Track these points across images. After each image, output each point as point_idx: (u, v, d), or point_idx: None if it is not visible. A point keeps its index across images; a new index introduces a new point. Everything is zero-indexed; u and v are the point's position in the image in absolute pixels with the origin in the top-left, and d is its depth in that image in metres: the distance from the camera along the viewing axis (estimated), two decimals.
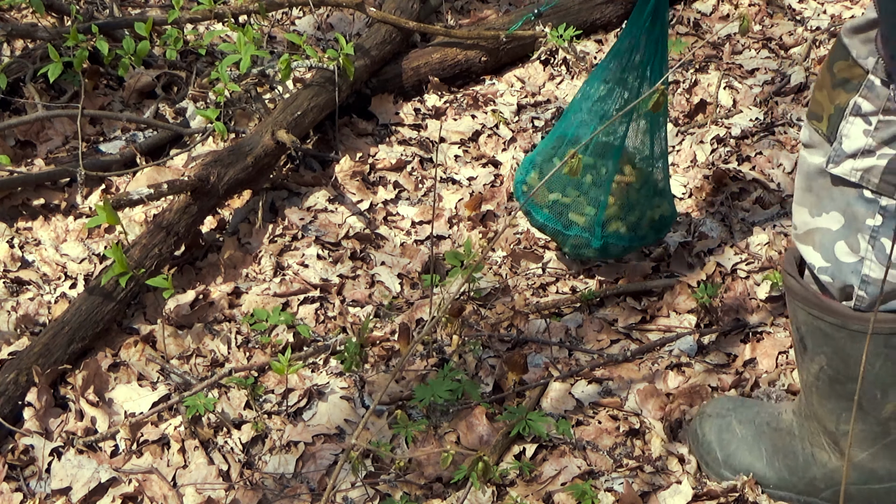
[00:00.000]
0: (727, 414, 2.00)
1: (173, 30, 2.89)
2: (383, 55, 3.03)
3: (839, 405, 1.77)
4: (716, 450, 1.97)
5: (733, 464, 1.95)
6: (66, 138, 2.81)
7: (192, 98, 2.95)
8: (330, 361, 2.22)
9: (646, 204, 2.42)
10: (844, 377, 1.72)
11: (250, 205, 2.63)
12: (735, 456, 1.95)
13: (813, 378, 1.78)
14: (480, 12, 3.58)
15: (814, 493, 1.87)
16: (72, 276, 2.41)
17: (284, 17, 3.47)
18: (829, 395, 1.78)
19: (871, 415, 1.74)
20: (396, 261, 2.53)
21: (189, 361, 2.20)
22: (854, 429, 1.76)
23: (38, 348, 2.09)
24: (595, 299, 2.40)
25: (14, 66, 2.81)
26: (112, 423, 2.05)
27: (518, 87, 3.19)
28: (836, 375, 1.73)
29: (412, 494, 1.92)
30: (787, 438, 1.89)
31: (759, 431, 1.93)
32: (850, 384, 1.71)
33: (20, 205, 2.58)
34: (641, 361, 2.26)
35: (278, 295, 2.38)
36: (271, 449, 2.02)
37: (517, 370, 2.19)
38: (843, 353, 1.70)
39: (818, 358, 1.74)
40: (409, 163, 2.86)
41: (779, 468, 1.90)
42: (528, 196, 2.43)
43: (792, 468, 1.88)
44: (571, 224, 2.38)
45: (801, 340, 1.78)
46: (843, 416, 1.78)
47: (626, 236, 2.40)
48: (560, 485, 1.95)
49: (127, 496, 1.91)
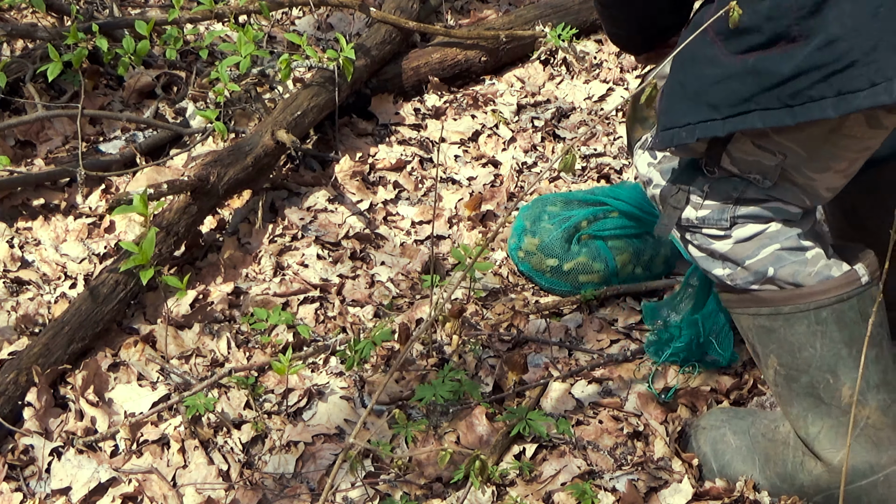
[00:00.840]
0: (721, 426, 2.01)
1: (173, 29, 2.89)
2: (383, 55, 3.03)
3: (801, 405, 1.80)
4: (711, 461, 1.98)
5: (728, 473, 1.96)
6: (66, 138, 2.81)
7: (192, 98, 2.95)
8: (330, 361, 2.22)
9: (657, 242, 2.45)
10: (796, 370, 1.77)
11: (250, 205, 2.63)
12: (730, 465, 1.96)
13: (773, 384, 1.83)
14: (480, 12, 3.58)
15: (807, 499, 1.87)
16: (72, 276, 2.41)
17: (284, 17, 3.47)
18: (790, 398, 1.81)
19: (833, 406, 1.77)
20: (396, 261, 2.53)
21: (189, 361, 2.20)
22: (822, 428, 1.78)
23: (38, 348, 2.08)
24: (595, 299, 2.40)
25: (14, 66, 2.81)
26: (112, 423, 2.05)
27: (518, 87, 3.19)
28: (790, 372, 1.78)
29: (412, 494, 1.92)
30: (780, 448, 1.90)
31: (753, 442, 1.94)
32: (804, 376, 1.77)
33: (20, 205, 2.58)
34: (641, 361, 2.26)
35: (278, 295, 2.38)
36: (271, 449, 2.02)
37: (517, 370, 2.19)
38: (787, 344, 1.76)
39: (770, 360, 1.80)
40: (409, 163, 2.86)
41: (770, 476, 1.91)
42: (527, 261, 2.46)
43: (782, 476, 1.89)
44: (584, 284, 2.41)
45: (753, 349, 1.84)
46: (809, 418, 1.80)
47: (641, 276, 2.43)
48: (560, 485, 1.95)
49: (127, 496, 1.90)
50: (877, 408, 1.77)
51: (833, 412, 1.78)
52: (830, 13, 1.50)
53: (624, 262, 2.43)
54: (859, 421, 1.77)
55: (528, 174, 2.85)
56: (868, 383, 1.76)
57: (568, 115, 3.12)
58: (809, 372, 1.76)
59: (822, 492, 1.84)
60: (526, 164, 2.88)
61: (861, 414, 1.77)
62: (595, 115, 3.11)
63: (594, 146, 2.98)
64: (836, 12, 1.50)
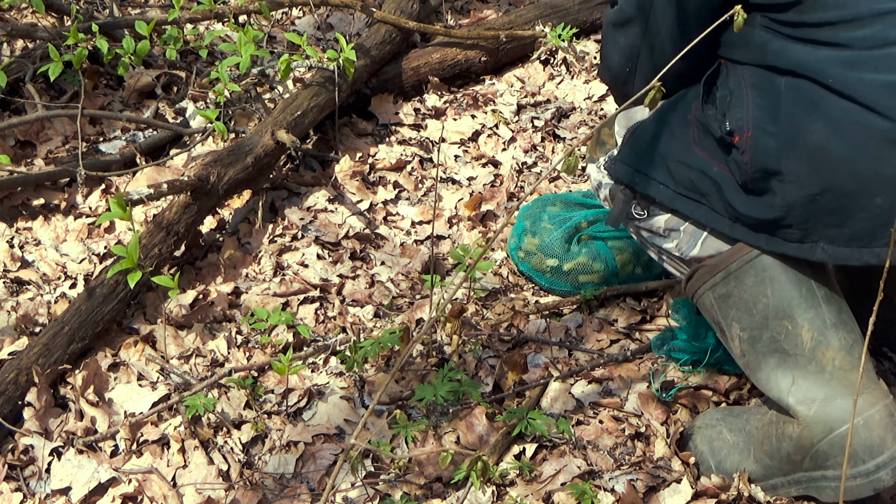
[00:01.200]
0: (717, 424, 2.02)
1: (173, 29, 2.89)
2: (383, 55, 3.03)
3: (769, 365, 1.86)
4: (708, 459, 1.99)
5: (725, 467, 1.96)
6: (66, 138, 2.81)
7: (192, 98, 2.95)
8: (330, 361, 2.22)
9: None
10: (757, 328, 1.86)
11: (250, 205, 2.63)
12: (727, 459, 1.97)
13: (741, 356, 1.90)
14: (480, 12, 3.58)
15: (796, 467, 1.87)
16: (72, 276, 2.41)
17: (284, 17, 3.47)
18: (757, 362, 1.87)
19: (798, 355, 1.82)
20: (396, 261, 2.53)
21: (189, 361, 2.20)
22: (793, 381, 1.83)
23: (38, 348, 2.08)
24: (595, 299, 2.40)
25: (14, 66, 2.81)
26: (112, 423, 2.05)
27: (518, 87, 3.20)
28: (752, 333, 1.86)
29: (412, 494, 1.92)
30: (766, 429, 1.92)
31: (749, 437, 1.96)
32: (765, 332, 1.85)
33: (20, 205, 2.58)
34: (641, 361, 2.26)
35: (278, 295, 2.38)
36: (271, 449, 2.02)
37: (517, 370, 2.19)
38: (742, 303, 1.86)
39: (733, 330, 1.89)
40: (409, 163, 2.86)
41: (761, 458, 1.92)
42: (527, 261, 2.46)
43: (770, 452, 1.90)
44: (584, 284, 2.41)
45: (719, 328, 1.93)
46: (778, 375, 1.85)
47: (642, 276, 2.43)
48: (560, 485, 1.95)
49: (127, 496, 1.90)
50: (839, 348, 1.81)
51: (799, 361, 1.82)
52: (778, 185, 1.75)
53: (624, 262, 2.43)
54: (826, 365, 1.81)
55: (528, 174, 2.85)
56: (825, 323, 1.81)
57: (568, 115, 3.12)
58: (768, 325, 1.84)
59: (807, 451, 1.84)
60: (526, 164, 2.88)
61: (826, 357, 1.81)
62: (595, 115, 3.11)
63: None
64: (782, 187, 1.74)
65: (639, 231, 1.99)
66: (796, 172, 1.72)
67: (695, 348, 2.19)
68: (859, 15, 1.70)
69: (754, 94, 1.78)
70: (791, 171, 1.72)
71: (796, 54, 1.73)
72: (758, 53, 1.79)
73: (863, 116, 1.67)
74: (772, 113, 1.75)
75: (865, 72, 1.68)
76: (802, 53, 1.73)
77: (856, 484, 1.80)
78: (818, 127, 1.70)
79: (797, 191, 1.73)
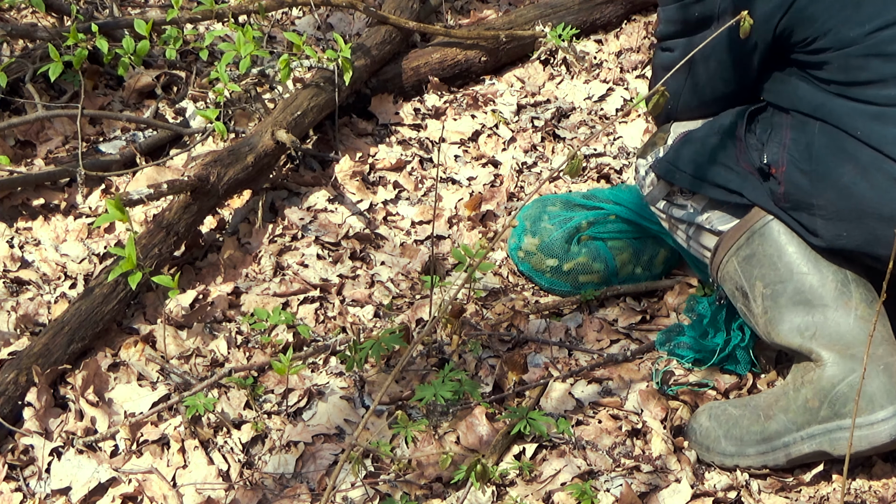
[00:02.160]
0: (720, 404, 2.05)
1: (173, 29, 2.89)
2: (383, 55, 3.03)
3: (793, 317, 1.96)
4: (714, 429, 2.00)
5: (734, 433, 1.98)
6: (66, 138, 2.81)
7: (192, 98, 2.95)
8: (330, 361, 2.22)
9: (656, 243, 2.45)
10: (781, 281, 1.97)
11: (250, 205, 2.63)
12: (736, 426, 1.99)
13: (762, 314, 1.98)
14: (480, 12, 3.58)
15: (812, 418, 1.90)
16: (72, 276, 2.41)
17: (284, 17, 3.47)
18: (781, 316, 1.96)
19: (824, 306, 1.93)
20: (396, 261, 2.53)
21: (189, 361, 2.20)
22: (817, 331, 1.92)
23: (38, 348, 2.08)
24: (595, 299, 2.40)
25: (14, 66, 2.81)
26: (112, 423, 2.05)
27: (518, 87, 3.19)
28: (776, 287, 1.97)
29: (412, 494, 1.92)
30: (779, 390, 1.98)
31: (755, 408, 1.99)
32: (789, 284, 1.96)
33: (20, 205, 2.58)
34: (641, 361, 2.26)
35: (278, 295, 2.38)
36: (271, 449, 2.02)
37: (517, 370, 2.19)
38: (767, 258, 1.98)
39: (756, 289, 1.99)
40: (409, 163, 2.86)
41: (774, 414, 1.94)
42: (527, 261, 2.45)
43: (785, 406, 1.93)
44: (583, 284, 2.40)
45: (741, 294, 2.02)
46: (802, 326, 1.94)
47: (642, 276, 2.43)
48: (560, 484, 1.95)
49: (127, 496, 1.91)
50: (861, 300, 1.93)
51: (824, 311, 1.93)
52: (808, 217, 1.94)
53: (624, 262, 2.43)
54: (849, 314, 1.92)
55: (528, 174, 2.85)
56: (847, 276, 1.94)
57: (568, 115, 3.11)
58: (793, 277, 1.96)
59: (827, 394, 1.88)
60: (526, 165, 2.88)
61: (849, 306, 1.92)
62: (595, 115, 3.11)
63: (594, 146, 2.98)
64: (813, 219, 1.94)
65: (670, 215, 2.15)
66: (825, 208, 1.91)
67: (700, 346, 2.19)
68: (883, 77, 1.88)
69: (791, 133, 1.97)
70: (821, 206, 1.91)
71: (828, 105, 1.93)
72: (794, 100, 1.99)
73: (887, 165, 1.85)
74: (805, 153, 1.93)
75: (889, 126, 1.86)
76: (834, 106, 1.92)
77: (872, 431, 1.84)
78: (848, 170, 1.88)
79: (825, 224, 1.92)
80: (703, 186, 2.06)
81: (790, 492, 1.96)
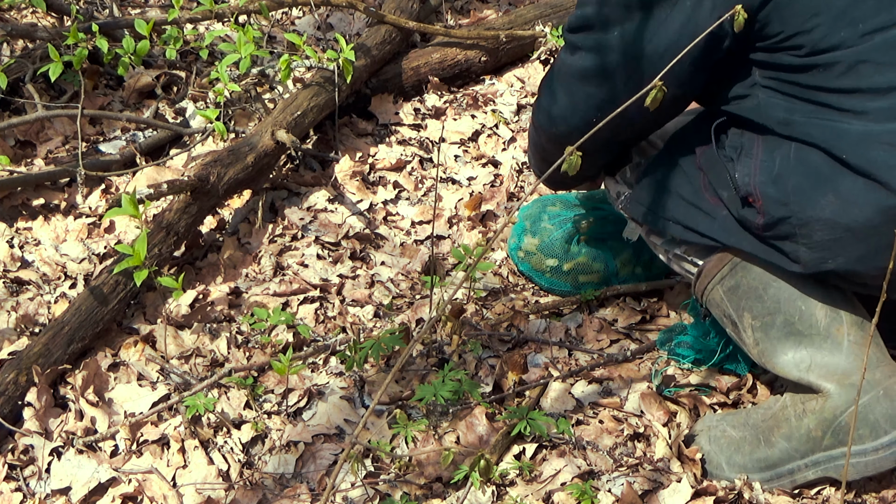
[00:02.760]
0: (718, 424, 2.02)
1: (173, 29, 2.89)
2: (383, 55, 3.03)
3: (785, 348, 1.88)
4: (716, 454, 1.98)
5: (736, 460, 1.96)
6: (66, 138, 2.81)
7: (192, 98, 2.95)
8: (330, 361, 2.22)
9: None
10: (769, 313, 1.88)
11: (250, 205, 2.63)
12: (737, 453, 1.96)
13: (754, 345, 1.91)
14: (480, 12, 3.58)
15: (816, 446, 1.87)
16: (72, 276, 2.41)
17: (284, 17, 3.47)
18: (773, 348, 1.89)
19: (814, 335, 1.86)
20: (396, 261, 2.53)
21: (189, 361, 2.20)
22: (812, 361, 1.85)
23: (38, 348, 2.08)
24: (595, 300, 2.40)
25: (14, 66, 2.81)
26: (112, 423, 2.05)
27: (518, 87, 3.19)
28: (764, 319, 1.89)
29: (412, 494, 1.92)
30: (781, 413, 1.93)
31: (755, 429, 1.95)
32: (778, 316, 1.87)
33: (20, 205, 2.58)
34: (641, 361, 2.26)
35: (278, 295, 2.38)
36: (271, 449, 2.02)
37: (517, 370, 2.19)
38: (752, 291, 1.89)
39: (745, 320, 1.91)
40: (409, 163, 2.86)
41: (777, 441, 1.91)
42: (527, 261, 2.45)
43: (788, 434, 1.90)
44: (583, 284, 2.41)
45: (731, 321, 1.95)
46: (797, 357, 1.87)
47: (642, 276, 2.43)
48: (560, 485, 1.95)
49: (127, 496, 1.91)
50: (852, 323, 1.85)
51: (815, 340, 1.85)
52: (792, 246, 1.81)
53: (624, 262, 2.43)
54: (841, 341, 1.84)
55: (528, 174, 2.85)
56: (835, 301, 1.86)
57: None
58: (781, 308, 1.87)
59: (830, 424, 1.85)
60: (526, 164, 2.88)
61: (840, 333, 1.85)
62: None
63: None
64: (796, 248, 1.80)
65: (650, 239, 2.08)
66: (809, 237, 1.76)
67: (702, 345, 2.19)
68: (873, 87, 1.69)
69: (763, 155, 1.80)
70: (805, 235, 1.77)
71: (808, 125, 1.74)
72: (760, 115, 1.79)
73: (876, 193, 1.69)
74: (781, 182, 1.77)
75: (880, 150, 1.68)
76: (816, 125, 1.73)
77: (878, 457, 1.82)
78: (829, 200, 1.72)
79: (808, 252, 1.79)
80: (674, 229, 1.94)
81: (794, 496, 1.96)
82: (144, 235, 2.09)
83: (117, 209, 2.13)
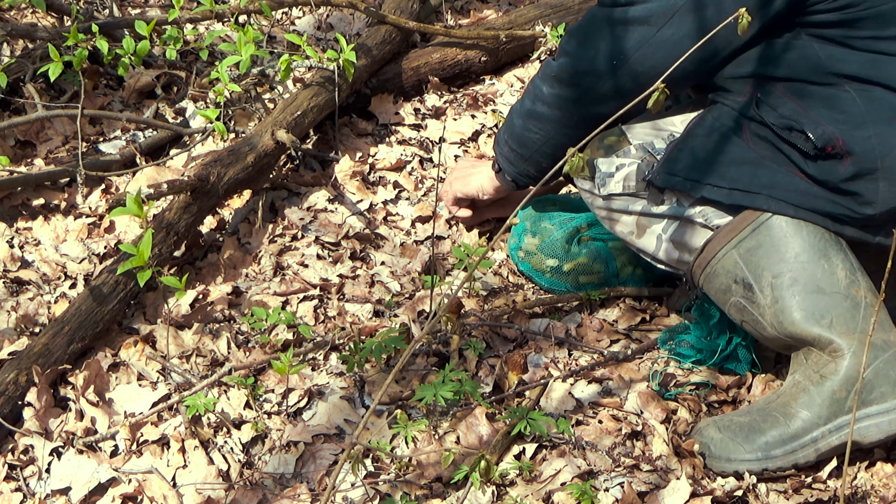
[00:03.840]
0: (723, 418, 2.02)
1: (173, 29, 2.89)
2: (383, 55, 3.03)
3: (807, 304, 1.95)
4: (730, 439, 1.97)
5: (754, 439, 1.95)
6: (66, 138, 2.81)
7: (192, 98, 2.95)
8: (330, 361, 2.22)
9: None
10: (791, 269, 1.95)
11: (250, 205, 2.63)
12: (753, 432, 1.95)
13: (772, 304, 1.96)
14: (480, 12, 3.58)
15: (838, 409, 1.90)
16: (72, 276, 2.41)
17: (284, 17, 3.47)
18: (794, 304, 1.97)
19: (836, 293, 1.93)
20: (396, 261, 2.53)
21: (189, 361, 2.20)
22: (832, 318, 1.92)
23: (38, 348, 2.08)
24: (595, 299, 2.40)
25: (14, 66, 2.81)
26: (112, 423, 2.05)
27: (518, 87, 3.19)
28: (788, 275, 1.95)
29: (412, 494, 1.92)
30: (793, 389, 1.96)
31: (765, 410, 1.97)
32: (802, 272, 1.95)
33: (20, 205, 2.58)
34: (641, 361, 2.26)
35: (278, 294, 2.38)
36: (271, 449, 2.02)
37: (517, 370, 2.19)
38: (773, 249, 1.96)
39: (764, 279, 1.97)
40: (409, 163, 2.86)
41: (798, 412, 1.93)
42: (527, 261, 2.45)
43: (808, 402, 1.92)
44: (584, 285, 2.40)
45: (743, 285, 1.99)
46: (816, 314, 1.93)
47: (642, 277, 2.43)
48: (560, 485, 1.95)
49: (127, 496, 1.91)
50: (868, 288, 1.94)
51: (836, 299, 1.92)
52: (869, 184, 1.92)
53: (624, 263, 2.42)
54: (860, 302, 1.91)
55: None
56: (853, 265, 1.96)
57: None
58: (805, 267, 1.94)
59: (851, 383, 1.89)
60: None
61: (859, 295, 1.93)
62: None
63: None
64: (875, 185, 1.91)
65: (645, 212, 2.08)
66: (889, 170, 1.89)
67: (703, 345, 2.18)
68: None
69: (823, 104, 1.91)
70: (886, 168, 1.89)
71: (864, 68, 1.90)
72: (811, 66, 1.92)
73: None
74: (856, 122, 1.90)
75: None
76: (870, 68, 1.90)
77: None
78: None
79: (889, 187, 1.90)
80: (716, 193, 1.99)
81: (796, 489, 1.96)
82: (149, 236, 2.09)
83: (121, 209, 2.13)
